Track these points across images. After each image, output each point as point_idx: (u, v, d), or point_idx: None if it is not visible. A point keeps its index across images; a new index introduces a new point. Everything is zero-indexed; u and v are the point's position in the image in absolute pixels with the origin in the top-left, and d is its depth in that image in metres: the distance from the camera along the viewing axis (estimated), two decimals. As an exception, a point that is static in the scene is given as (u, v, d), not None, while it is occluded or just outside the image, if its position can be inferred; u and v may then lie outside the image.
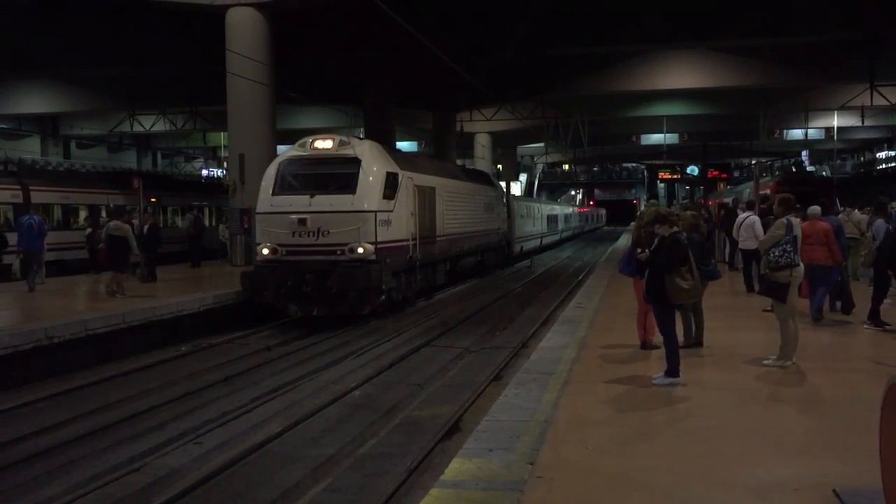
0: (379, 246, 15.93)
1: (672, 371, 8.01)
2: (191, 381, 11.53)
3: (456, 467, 5.60)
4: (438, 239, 20.27)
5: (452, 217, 21.82)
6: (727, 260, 19.74)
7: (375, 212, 15.95)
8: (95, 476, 7.50)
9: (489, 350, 13.78)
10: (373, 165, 16.45)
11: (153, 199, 28.42)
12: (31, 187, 24.39)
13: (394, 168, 17.11)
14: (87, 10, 26.80)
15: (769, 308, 11.54)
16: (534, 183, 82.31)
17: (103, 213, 25.13)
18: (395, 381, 11.54)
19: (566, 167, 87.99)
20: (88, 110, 41.50)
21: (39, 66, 31.54)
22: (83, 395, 10.78)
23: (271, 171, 16.76)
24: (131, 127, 41.97)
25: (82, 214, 26.18)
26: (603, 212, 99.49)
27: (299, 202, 15.96)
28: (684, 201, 62.02)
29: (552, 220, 48.89)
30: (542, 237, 43.09)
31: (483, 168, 42.80)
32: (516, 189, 63.84)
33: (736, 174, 57.59)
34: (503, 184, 56.43)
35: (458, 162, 39.04)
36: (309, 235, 15.76)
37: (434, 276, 20.71)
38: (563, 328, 11.90)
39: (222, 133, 42.50)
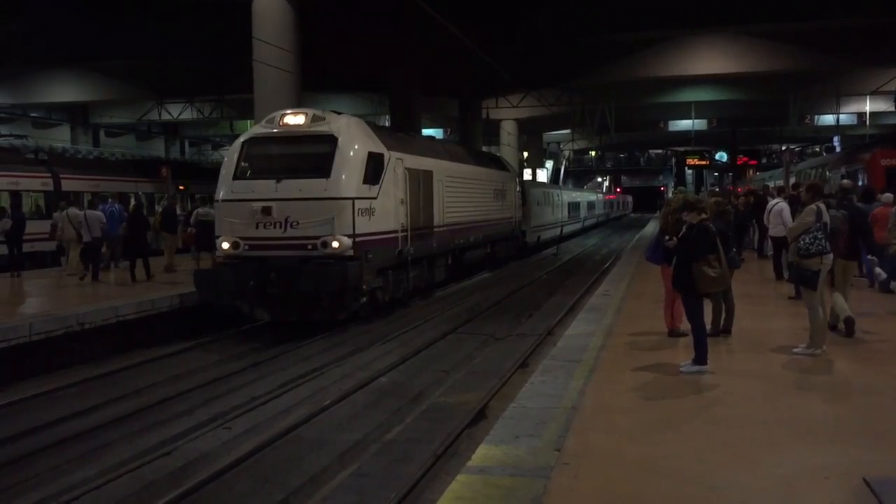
0: (358, 239, 13.75)
1: (700, 359, 7.98)
2: (219, 367, 11.67)
3: (483, 453, 5.62)
4: (437, 230, 18.09)
5: (455, 204, 19.55)
6: (756, 247, 19.56)
7: (353, 199, 13.75)
8: (127, 459, 7.64)
9: (515, 337, 13.79)
10: (352, 144, 14.23)
11: (182, 187, 28.70)
12: (61, 175, 24.74)
13: (378, 147, 14.90)
14: (116, 1, 27.02)
15: (794, 295, 11.53)
16: (560, 170, 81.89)
17: (132, 201, 25.48)
18: (421, 367, 11.59)
19: (593, 154, 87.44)
20: (117, 99, 41.81)
21: (69, 56, 31.89)
22: (114, 381, 10.97)
23: (233, 152, 14.72)
24: (159, 115, 42.35)
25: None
26: (630, 199, 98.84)
27: (264, 188, 13.82)
28: (712, 188, 61.43)
29: (573, 207, 46.63)
30: (562, 226, 40.94)
31: (509, 155, 42.58)
32: (542, 176, 63.50)
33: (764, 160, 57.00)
34: (528, 171, 56.35)
35: (484, 149, 38.83)
36: (275, 227, 13.58)
37: (432, 273, 18.57)
38: (589, 316, 11.87)
39: (249, 121, 42.51)
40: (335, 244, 13.50)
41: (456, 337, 13.92)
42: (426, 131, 44.24)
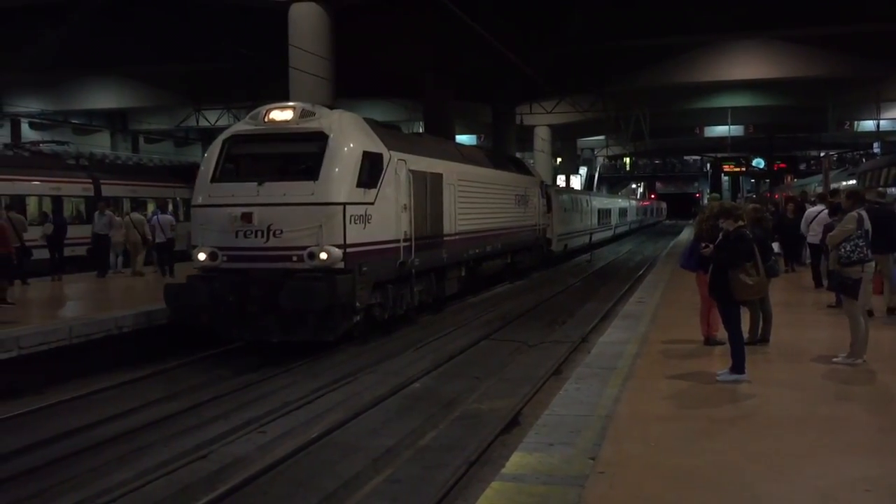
0: (350, 250, 12.24)
1: (737, 367, 7.88)
2: (253, 372, 11.74)
3: (516, 461, 5.60)
4: (447, 238, 16.57)
5: (469, 211, 18.01)
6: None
7: (344, 204, 12.23)
8: (164, 462, 7.72)
9: (549, 344, 13.73)
10: (345, 142, 12.73)
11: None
12: (101, 181, 25.17)
13: (376, 147, 13.43)
14: (154, 8, 27.48)
15: (833, 304, 11.36)
16: (594, 176, 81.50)
17: (170, 207, 25.88)
18: (454, 373, 11.57)
19: (627, 160, 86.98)
20: (156, 106, 42.58)
21: (109, 63, 32.57)
22: (150, 384, 11.10)
23: (213, 152, 13.19)
24: (197, 122, 42.89)
25: (150, 207, 26.87)
26: (664, 205, 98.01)
27: (244, 192, 12.34)
28: (749, 195, 60.68)
29: (604, 214, 44.64)
30: (591, 233, 39.25)
31: (542, 161, 42.42)
32: (576, 182, 63.21)
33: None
34: (562, 177, 56.10)
35: (518, 154, 38.74)
36: (256, 236, 12.14)
37: (442, 286, 17.00)
38: (624, 323, 11.79)
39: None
40: (323, 255, 12.00)
41: (489, 343, 13.89)
42: (460, 137, 44.30)
